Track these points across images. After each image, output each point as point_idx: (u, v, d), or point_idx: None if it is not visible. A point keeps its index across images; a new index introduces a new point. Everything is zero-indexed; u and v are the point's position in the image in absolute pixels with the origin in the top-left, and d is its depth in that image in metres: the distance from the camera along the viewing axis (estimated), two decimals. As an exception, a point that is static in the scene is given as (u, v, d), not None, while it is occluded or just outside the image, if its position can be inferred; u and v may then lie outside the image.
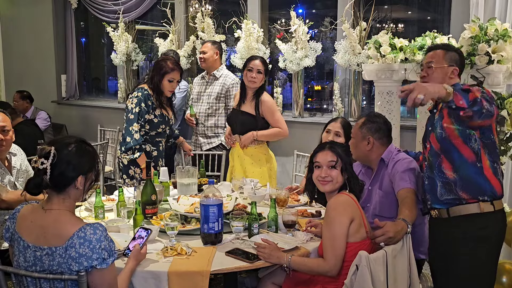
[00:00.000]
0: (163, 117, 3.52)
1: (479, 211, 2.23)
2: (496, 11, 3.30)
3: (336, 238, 2.14)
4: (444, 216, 2.31)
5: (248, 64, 3.58)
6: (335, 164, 2.27)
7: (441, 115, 2.30)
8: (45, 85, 6.86)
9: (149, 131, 3.49)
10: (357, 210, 2.23)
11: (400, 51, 3.49)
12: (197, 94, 4.35)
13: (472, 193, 2.24)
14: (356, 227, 2.19)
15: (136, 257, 2.06)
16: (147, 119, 3.44)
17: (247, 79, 3.58)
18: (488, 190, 2.23)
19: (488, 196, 2.23)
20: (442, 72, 2.37)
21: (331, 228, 2.16)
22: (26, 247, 1.79)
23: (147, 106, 3.42)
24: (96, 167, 1.89)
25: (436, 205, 2.33)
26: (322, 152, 2.33)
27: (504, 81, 3.10)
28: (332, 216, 2.18)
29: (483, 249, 2.25)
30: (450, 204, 2.28)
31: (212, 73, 4.25)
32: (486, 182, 2.23)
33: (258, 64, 3.55)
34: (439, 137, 2.30)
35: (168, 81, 3.45)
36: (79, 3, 6.49)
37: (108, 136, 5.94)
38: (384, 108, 3.58)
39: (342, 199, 2.24)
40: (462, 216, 2.26)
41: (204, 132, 4.25)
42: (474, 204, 2.24)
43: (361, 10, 4.17)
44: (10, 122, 2.85)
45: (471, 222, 2.25)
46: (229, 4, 5.14)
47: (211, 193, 2.34)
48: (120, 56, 5.83)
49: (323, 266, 2.15)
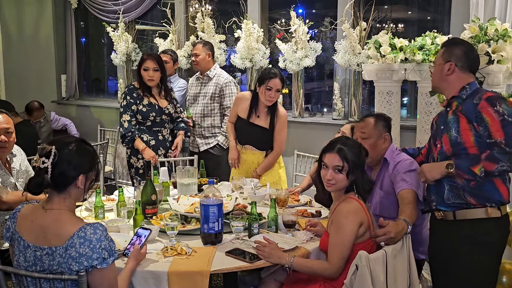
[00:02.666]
0: (151, 105, 3.82)
1: (486, 216, 2.22)
2: (496, 11, 3.30)
3: (344, 245, 2.15)
4: (450, 218, 2.29)
5: (267, 83, 3.38)
6: (341, 168, 2.24)
7: (457, 117, 2.26)
8: (45, 85, 6.86)
9: (143, 120, 3.81)
10: (365, 215, 2.23)
11: (400, 51, 3.49)
12: (193, 96, 4.38)
13: (480, 199, 2.22)
14: (363, 230, 2.20)
15: (136, 257, 2.06)
16: (136, 109, 3.78)
17: (264, 96, 3.41)
18: (496, 197, 2.22)
19: (495, 202, 2.22)
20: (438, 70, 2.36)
21: (341, 235, 2.16)
22: (26, 246, 1.79)
23: (133, 98, 3.79)
24: (96, 166, 1.90)
25: (442, 207, 2.31)
26: (330, 154, 2.28)
27: (504, 81, 3.10)
28: (342, 223, 2.18)
29: (485, 253, 2.24)
30: (457, 208, 2.26)
31: (206, 73, 4.28)
32: (495, 190, 2.21)
33: (278, 84, 3.38)
34: (454, 140, 2.26)
35: (143, 69, 3.78)
36: (79, 3, 6.49)
37: (108, 136, 5.94)
38: (384, 108, 3.58)
39: (352, 206, 2.22)
40: (468, 220, 2.24)
41: (201, 133, 4.27)
42: (482, 209, 2.22)
43: (361, 10, 4.17)
44: (13, 123, 2.86)
45: (476, 226, 2.23)
46: (229, 4, 5.14)
47: (211, 193, 2.34)
48: (120, 56, 5.83)
49: (329, 270, 2.16)
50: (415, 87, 3.79)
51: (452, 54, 2.32)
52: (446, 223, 2.31)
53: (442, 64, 2.34)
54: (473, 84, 2.30)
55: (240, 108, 3.59)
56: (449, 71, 2.32)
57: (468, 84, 2.29)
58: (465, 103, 2.25)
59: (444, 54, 2.35)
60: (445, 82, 2.35)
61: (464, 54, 2.31)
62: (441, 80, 2.37)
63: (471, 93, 2.27)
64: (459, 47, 2.33)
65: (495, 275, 2.33)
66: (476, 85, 2.31)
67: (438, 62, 2.37)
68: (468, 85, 2.29)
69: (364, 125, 2.66)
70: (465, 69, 2.31)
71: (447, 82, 2.34)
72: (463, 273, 2.27)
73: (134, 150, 3.81)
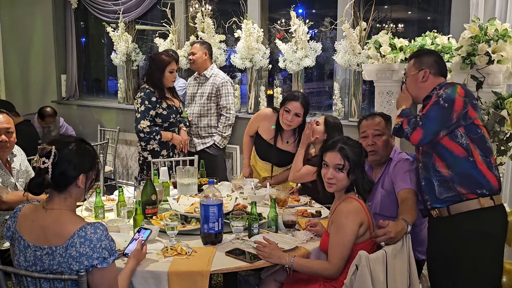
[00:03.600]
0: (170, 108, 3.86)
1: (480, 206, 2.23)
2: (496, 11, 3.30)
3: (345, 245, 2.15)
4: (445, 214, 2.31)
5: (286, 104, 3.20)
6: (342, 167, 2.25)
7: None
8: (45, 85, 6.86)
9: (162, 123, 3.84)
10: (365, 215, 2.23)
11: (400, 51, 3.48)
12: (190, 95, 4.41)
13: (470, 187, 2.24)
14: (363, 230, 2.20)
15: (136, 257, 2.06)
16: (156, 113, 3.78)
17: (282, 119, 3.24)
18: (485, 184, 2.24)
19: (486, 190, 2.23)
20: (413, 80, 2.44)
21: (342, 235, 2.17)
22: (26, 246, 1.79)
23: (151, 102, 3.76)
24: (97, 165, 1.90)
25: (436, 204, 2.33)
26: (331, 152, 2.28)
27: (504, 81, 3.10)
28: (343, 223, 2.18)
29: (486, 247, 2.24)
30: (450, 202, 2.28)
31: (203, 73, 4.31)
32: (482, 176, 2.24)
33: (298, 107, 3.17)
34: None
35: (169, 72, 3.78)
36: (79, 3, 6.48)
37: (108, 136, 5.95)
38: (384, 108, 3.58)
39: (352, 206, 2.22)
40: (463, 213, 2.26)
41: (198, 133, 4.30)
42: (474, 200, 2.24)
43: (361, 10, 4.16)
44: (13, 123, 2.86)
45: (472, 218, 2.25)
46: (229, 4, 5.14)
47: (211, 193, 2.34)
48: (120, 56, 5.83)
49: (329, 270, 2.16)
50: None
51: (423, 62, 2.41)
52: (442, 220, 2.33)
53: (416, 73, 2.41)
54: (443, 82, 2.37)
55: (262, 128, 3.44)
56: (423, 78, 2.39)
57: (439, 84, 2.36)
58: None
59: (416, 64, 2.43)
60: (421, 90, 2.42)
61: (435, 62, 2.41)
62: (416, 88, 2.43)
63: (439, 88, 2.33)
64: (429, 56, 2.44)
65: (496, 273, 2.32)
66: (445, 82, 2.38)
67: (411, 73, 2.44)
68: (438, 85, 2.36)
69: (376, 122, 2.71)
70: (437, 75, 2.40)
71: (423, 89, 2.41)
72: (463, 272, 2.26)
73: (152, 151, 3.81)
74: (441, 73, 2.42)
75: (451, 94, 2.21)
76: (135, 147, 5.74)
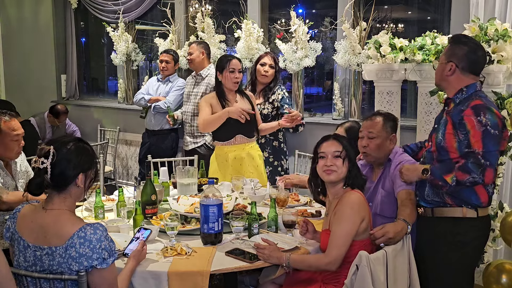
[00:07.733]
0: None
1: (462, 215, 2.24)
2: (496, 11, 3.29)
3: (345, 236, 2.15)
4: (429, 215, 2.33)
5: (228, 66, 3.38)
6: (339, 153, 2.26)
7: (446, 120, 2.28)
8: (45, 85, 6.85)
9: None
10: (368, 210, 2.24)
11: (400, 51, 3.48)
12: (187, 94, 4.45)
13: (457, 200, 2.26)
14: (365, 226, 2.21)
15: (136, 257, 2.06)
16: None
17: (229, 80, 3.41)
18: (473, 201, 2.24)
19: (471, 205, 2.24)
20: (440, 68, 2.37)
21: (344, 226, 2.16)
22: (26, 246, 1.79)
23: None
24: (95, 164, 1.90)
25: (422, 202, 2.36)
26: (327, 142, 2.32)
27: (504, 81, 3.09)
28: (347, 214, 2.18)
29: (459, 253, 2.25)
30: (435, 205, 2.30)
31: (199, 72, 4.33)
32: (473, 194, 2.23)
33: (238, 64, 3.42)
34: (438, 143, 2.29)
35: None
36: (79, 3, 6.48)
37: (108, 136, 5.95)
38: (384, 108, 3.57)
39: (356, 198, 2.23)
40: (445, 217, 2.28)
41: (191, 132, 4.33)
42: (458, 209, 2.25)
43: (361, 10, 4.16)
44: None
45: (451, 225, 2.26)
46: (229, 4, 5.14)
47: (211, 193, 2.34)
48: (120, 56, 5.82)
49: (322, 259, 2.16)
50: (415, 87, 3.79)
51: (454, 54, 2.30)
52: (425, 219, 2.35)
53: (444, 63, 2.33)
54: (472, 86, 2.28)
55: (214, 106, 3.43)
56: (449, 72, 2.31)
57: (467, 86, 2.28)
58: (456, 107, 2.26)
59: (448, 52, 2.34)
60: (445, 82, 2.36)
61: (465, 55, 2.27)
62: (441, 79, 2.37)
63: (465, 98, 2.26)
64: (462, 47, 2.29)
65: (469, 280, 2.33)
66: (475, 87, 2.29)
67: (441, 61, 2.37)
68: (466, 88, 2.28)
69: (372, 124, 2.64)
70: (466, 71, 2.29)
71: (447, 82, 2.34)
72: (437, 273, 2.29)
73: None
74: (470, 69, 2.27)
75: (494, 118, 2.13)
76: (135, 147, 5.74)
